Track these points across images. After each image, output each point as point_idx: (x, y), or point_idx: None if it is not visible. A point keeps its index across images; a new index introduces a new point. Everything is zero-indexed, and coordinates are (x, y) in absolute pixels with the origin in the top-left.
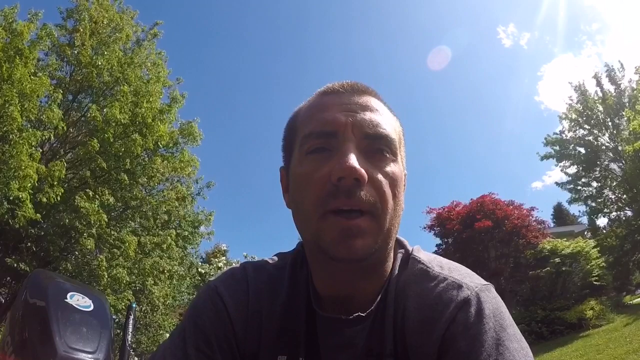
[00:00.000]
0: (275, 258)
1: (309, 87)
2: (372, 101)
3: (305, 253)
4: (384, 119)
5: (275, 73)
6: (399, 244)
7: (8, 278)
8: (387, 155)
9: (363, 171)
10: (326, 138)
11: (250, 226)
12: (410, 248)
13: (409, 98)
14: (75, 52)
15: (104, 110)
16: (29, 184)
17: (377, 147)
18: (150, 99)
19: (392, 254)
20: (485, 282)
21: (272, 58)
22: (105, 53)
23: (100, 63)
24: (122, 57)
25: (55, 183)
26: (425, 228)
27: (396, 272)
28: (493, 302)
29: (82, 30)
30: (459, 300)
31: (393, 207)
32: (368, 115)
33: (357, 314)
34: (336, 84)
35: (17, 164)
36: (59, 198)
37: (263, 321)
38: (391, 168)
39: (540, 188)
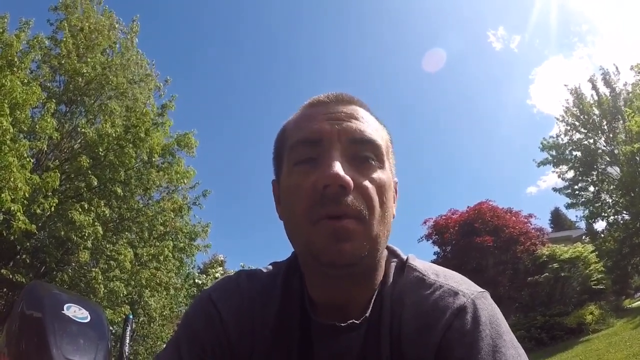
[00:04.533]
0: (270, 267)
1: (304, 92)
2: (358, 110)
3: (299, 262)
4: (370, 127)
5: (271, 79)
6: (392, 253)
7: (5, 289)
8: (374, 162)
9: (348, 178)
10: (312, 146)
11: (247, 235)
12: (404, 256)
13: (402, 104)
14: (63, 62)
15: (98, 119)
16: (21, 195)
17: (364, 154)
18: (144, 110)
19: (383, 262)
20: (481, 289)
21: (268, 63)
22: (89, 59)
23: (85, 71)
24: (106, 62)
25: (49, 194)
26: (423, 237)
27: (391, 280)
28: (489, 309)
29: (64, 40)
30: (455, 308)
31: (381, 213)
32: (354, 123)
33: (351, 321)
34: (322, 96)
35: (7, 175)
36: (53, 209)
37: (256, 328)
38: (378, 175)
39: (535, 193)
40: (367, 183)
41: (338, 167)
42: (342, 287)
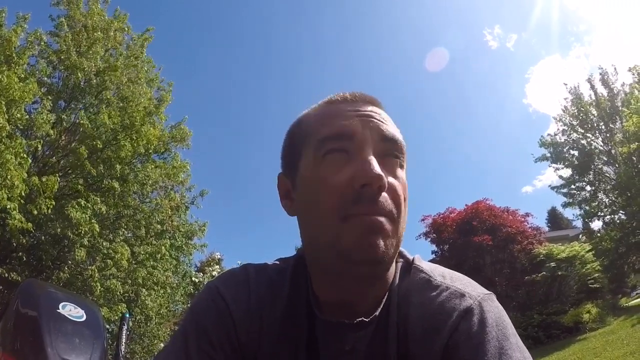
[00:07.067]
0: (277, 262)
1: (303, 92)
2: (381, 112)
3: (307, 259)
4: (393, 127)
5: (269, 77)
6: (399, 253)
7: (0, 287)
8: (400, 161)
9: (386, 179)
10: (344, 141)
11: (244, 234)
12: (410, 257)
13: (399, 103)
14: (62, 57)
15: (98, 113)
16: (17, 194)
17: (392, 152)
18: (138, 100)
19: (394, 262)
20: (488, 292)
21: (266, 60)
22: (89, 56)
23: (86, 66)
24: (109, 60)
25: (47, 196)
26: (420, 235)
27: (397, 280)
28: (495, 311)
29: (64, 35)
30: (461, 309)
31: (404, 211)
32: (381, 123)
33: (360, 319)
34: (347, 94)
35: (4, 173)
36: (49, 210)
37: (264, 324)
38: (401, 174)
39: (530, 192)
40: (395, 182)
41: (377, 167)
42: (357, 287)
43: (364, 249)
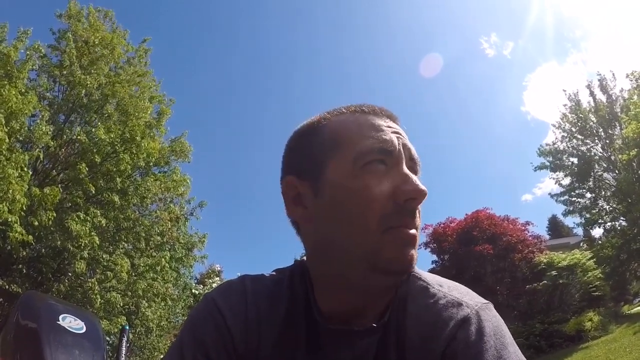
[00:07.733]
0: (274, 273)
1: (300, 100)
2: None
3: (314, 268)
4: None
5: (266, 89)
6: None
7: (0, 299)
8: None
9: None
10: (384, 154)
11: (244, 246)
12: None
13: (397, 109)
14: (65, 72)
15: (93, 130)
16: (19, 207)
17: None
18: (139, 115)
19: None
20: (485, 301)
21: (262, 72)
22: (93, 71)
23: (89, 82)
24: (112, 75)
25: (49, 207)
26: (421, 245)
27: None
28: (493, 320)
29: (68, 50)
30: (458, 319)
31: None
32: (409, 141)
33: (370, 325)
34: (374, 106)
35: (5, 186)
36: (50, 222)
37: (262, 335)
38: None
39: (530, 200)
40: None
41: (421, 183)
42: (376, 296)
43: (401, 261)
